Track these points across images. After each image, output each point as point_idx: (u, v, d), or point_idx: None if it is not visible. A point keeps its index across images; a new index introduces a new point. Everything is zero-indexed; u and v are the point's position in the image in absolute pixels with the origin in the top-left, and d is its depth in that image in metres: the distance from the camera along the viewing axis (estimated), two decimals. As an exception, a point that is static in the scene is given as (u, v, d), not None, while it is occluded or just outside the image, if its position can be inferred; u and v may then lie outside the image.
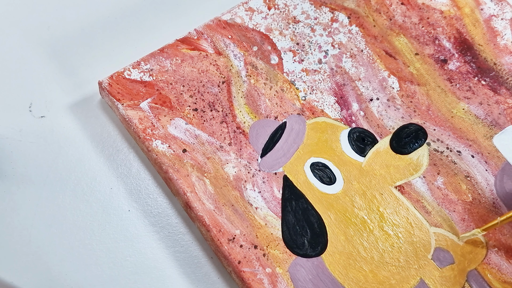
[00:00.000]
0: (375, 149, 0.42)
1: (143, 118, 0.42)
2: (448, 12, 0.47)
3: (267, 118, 0.43)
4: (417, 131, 0.43)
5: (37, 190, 0.42)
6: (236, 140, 0.42)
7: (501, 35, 0.46)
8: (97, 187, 0.42)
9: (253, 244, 0.39)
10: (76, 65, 0.46)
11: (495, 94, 0.44)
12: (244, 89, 0.44)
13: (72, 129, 0.44)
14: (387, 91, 0.44)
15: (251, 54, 0.45)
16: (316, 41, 0.46)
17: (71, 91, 0.45)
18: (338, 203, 0.40)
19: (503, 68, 0.45)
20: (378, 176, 0.41)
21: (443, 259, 0.39)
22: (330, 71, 0.45)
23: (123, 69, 0.43)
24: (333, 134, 0.42)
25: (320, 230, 0.39)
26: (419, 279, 0.38)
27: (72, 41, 0.47)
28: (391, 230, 0.39)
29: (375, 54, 0.46)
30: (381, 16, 0.47)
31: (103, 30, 0.48)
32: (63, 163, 0.43)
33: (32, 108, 0.45)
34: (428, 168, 0.42)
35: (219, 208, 0.39)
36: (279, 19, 0.46)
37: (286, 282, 0.38)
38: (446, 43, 0.46)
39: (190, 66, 0.44)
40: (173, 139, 0.41)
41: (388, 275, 0.38)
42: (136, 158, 0.43)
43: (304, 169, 0.41)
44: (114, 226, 0.41)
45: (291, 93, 0.44)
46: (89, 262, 0.40)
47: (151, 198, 0.42)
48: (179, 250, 0.41)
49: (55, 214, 0.41)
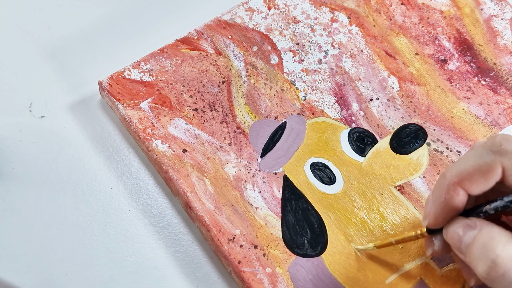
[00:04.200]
0: (375, 149, 0.42)
1: (143, 118, 0.42)
2: (448, 12, 0.47)
3: (267, 118, 0.43)
4: (417, 131, 0.43)
5: (37, 190, 0.42)
6: (236, 140, 0.42)
7: (501, 35, 0.46)
8: (97, 187, 0.42)
9: (253, 244, 0.39)
10: (76, 65, 0.46)
11: (495, 94, 0.44)
12: (244, 89, 0.44)
13: (72, 129, 0.44)
14: (387, 91, 0.44)
15: (251, 54, 0.45)
16: (316, 41, 0.46)
17: (71, 91, 0.45)
18: (338, 203, 0.40)
19: (503, 68, 0.45)
20: (378, 176, 0.41)
21: (443, 259, 0.39)
22: (330, 71, 0.45)
23: (123, 69, 0.43)
24: (333, 134, 0.42)
25: (320, 230, 0.39)
26: (419, 279, 0.38)
27: (72, 41, 0.47)
28: (391, 230, 0.39)
29: (375, 54, 0.46)
30: (381, 16, 0.47)
31: (103, 30, 0.48)
32: (63, 163, 0.43)
33: (32, 108, 0.45)
34: (428, 168, 0.42)
35: (219, 208, 0.39)
36: (279, 19, 0.46)
37: (286, 282, 0.38)
38: (446, 43, 0.46)
39: (190, 66, 0.44)
40: (173, 139, 0.41)
41: (388, 275, 0.38)
42: (136, 158, 0.43)
43: (304, 169, 0.41)
44: (114, 226, 0.41)
45: (291, 93, 0.44)
46: (89, 262, 0.40)
47: (151, 198, 0.42)
48: (179, 250, 0.41)
49: (55, 214, 0.41)
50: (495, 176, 0.31)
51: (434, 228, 0.34)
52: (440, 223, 0.33)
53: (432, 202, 0.33)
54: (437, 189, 0.33)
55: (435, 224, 0.34)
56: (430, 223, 0.34)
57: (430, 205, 0.33)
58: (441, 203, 0.32)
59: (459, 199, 0.32)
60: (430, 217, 0.33)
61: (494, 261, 0.29)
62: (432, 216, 0.33)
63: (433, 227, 0.34)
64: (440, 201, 0.32)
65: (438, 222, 0.33)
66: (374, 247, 0.38)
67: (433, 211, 0.33)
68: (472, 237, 0.31)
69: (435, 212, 0.33)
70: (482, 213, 0.32)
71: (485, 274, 0.30)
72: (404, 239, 0.36)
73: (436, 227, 0.34)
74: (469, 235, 0.31)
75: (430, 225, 0.34)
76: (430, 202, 0.34)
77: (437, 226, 0.34)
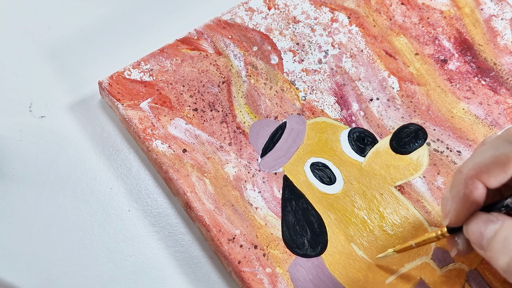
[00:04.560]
0: (375, 149, 0.42)
1: (143, 118, 0.42)
2: (448, 12, 0.47)
3: (267, 118, 0.43)
4: (417, 131, 0.43)
5: (37, 190, 0.42)
6: (236, 140, 0.42)
7: (501, 35, 0.46)
8: (97, 187, 0.42)
9: (253, 244, 0.39)
10: (76, 65, 0.46)
11: (495, 94, 0.44)
12: (244, 89, 0.44)
13: (72, 129, 0.44)
14: (387, 91, 0.44)
15: (251, 54, 0.45)
16: (316, 41, 0.46)
17: (71, 91, 0.45)
18: (338, 203, 0.40)
19: (503, 68, 0.45)
20: (378, 176, 0.41)
21: (443, 259, 0.39)
22: (330, 71, 0.45)
23: (123, 69, 0.43)
24: (333, 134, 0.42)
25: (320, 230, 0.39)
26: (419, 279, 0.38)
27: (72, 41, 0.47)
28: (391, 230, 0.39)
29: (375, 54, 0.46)
30: (381, 16, 0.47)
31: (103, 30, 0.48)
32: (63, 163, 0.43)
33: (32, 108, 0.45)
34: (428, 168, 0.42)
35: (219, 208, 0.39)
36: (279, 19, 0.46)
37: (286, 282, 0.38)
38: (446, 43, 0.46)
39: (190, 66, 0.44)
40: (173, 139, 0.41)
41: (388, 275, 0.38)
42: (136, 158, 0.43)
43: (304, 169, 0.41)
44: (114, 226, 0.41)
45: (291, 93, 0.44)
46: (89, 262, 0.40)
47: (151, 198, 0.42)
48: (179, 250, 0.41)
49: (55, 214, 0.41)
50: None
51: (455, 226, 0.33)
52: (462, 220, 0.33)
53: (451, 199, 0.33)
54: (454, 185, 0.32)
55: (457, 222, 0.33)
56: (451, 220, 0.33)
57: (449, 203, 0.33)
58: (460, 198, 0.32)
59: (479, 193, 0.31)
60: (451, 215, 0.33)
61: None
62: (453, 213, 0.33)
63: (455, 225, 0.33)
64: (460, 196, 0.32)
65: (460, 219, 0.33)
66: (394, 252, 0.37)
67: (454, 208, 0.32)
68: (493, 231, 0.31)
69: (456, 209, 0.32)
70: (504, 207, 0.31)
71: (506, 267, 0.29)
72: (425, 241, 0.36)
73: (458, 224, 0.33)
74: (490, 229, 0.31)
75: (452, 223, 0.33)
76: (449, 200, 0.33)
77: (459, 223, 0.33)
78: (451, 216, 0.33)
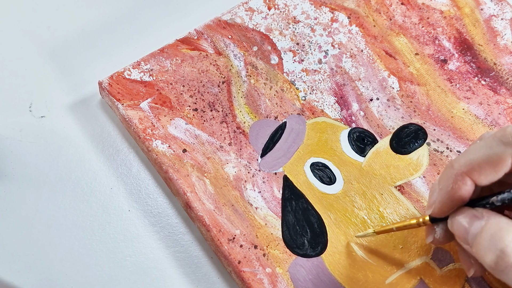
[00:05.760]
0: (375, 148, 0.42)
1: (143, 118, 0.42)
2: (448, 12, 0.47)
3: (267, 118, 0.43)
4: (417, 131, 0.43)
5: (37, 190, 0.42)
6: (236, 140, 0.42)
7: (501, 35, 0.46)
8: (97, 187, 0.42)
9: (253, 244, 0.39)
10: (76, 65, 0.46)
11: (495, 94, 0.44)
12: (244, 89, 0.44)
13: (72, 129, 0.44)
14: (387, 91, 0.44)
15: (251, 54, 0.45)
16: (316, 41, 0.46)
17: (71, 91, 0.45)
18: (338, 203, 0.40)
19: (503, 68, 0.45)
20: (378, 176, 0.41)
21: (443, 259, 0.39)
22: (330, 71, 0.45)
23: (123, 69, 0.43)
24: (333, 134, 0.42)
25: (320, 230, 0.39)
26: (419, 279, 0.38)
27: (72, 41, 0.47)
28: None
29: (375, 54, 0.46)
30: (381, 16, 0.47)
31: (103, 30, 0.48)
32: (63, 163, 0.43)
33: (32, 108, 0.45)
34: (428, 168, 0.42)
35: (219, 208, 0.39)
36: (279, 19, 0.46)
37: (286, 282, 0.38)
38: (446, 43, 0.46)
39: (190, 66, 0.44)
40: (173, 139, 0.41)
41: (388, 275, 0.38)
42: (136, 158, 0.43)
43: (304, 169, 0.41)
44: (114, 226, 0.41)
45: (291, 93, 0.44)
46: (89, 262, 0.40)
47: (151, 198, 0.42)
48: (179, 250, 0.41)
49: (55, 214, 0.41)
50: (504, 167, 0.31)
51: (438, 217, 0.34)
52: (445, 213, 0.33)
53: (438, 191, 0.33)
54: (444, 178, 0.33)
55: (440, 213, 0.33)
56: (434, 211, 0.34)
57: (436, 194, 0.33)
58: (447, 192, 0.32)
59: (466, 189, 0.32)
60: (436, 206, 0.33)
61: (503, 251, 0.29)
62: (438, 205, 0.33)
63: (437, 216, 0.34)
64: (447, 190, 0.32)
65: (443, 212, 0.33)
66: (374, 233, 0.38)
67: (439, 200, 0.33)
68: (479, 227, 0.31)
69: (441, 201, 0.33)
70: (489, 205, 0.32)
71: (493, 264, 0.30)
72: (405, 226, 0.36)
73: (440, 216, 0.34)
74: (476, 225, 0.31)
75: (435, 213, 0.34)
76: (436, 191, 0.33)
77: (442, 215, 0.34)
78: (435, 207, 0.34)
